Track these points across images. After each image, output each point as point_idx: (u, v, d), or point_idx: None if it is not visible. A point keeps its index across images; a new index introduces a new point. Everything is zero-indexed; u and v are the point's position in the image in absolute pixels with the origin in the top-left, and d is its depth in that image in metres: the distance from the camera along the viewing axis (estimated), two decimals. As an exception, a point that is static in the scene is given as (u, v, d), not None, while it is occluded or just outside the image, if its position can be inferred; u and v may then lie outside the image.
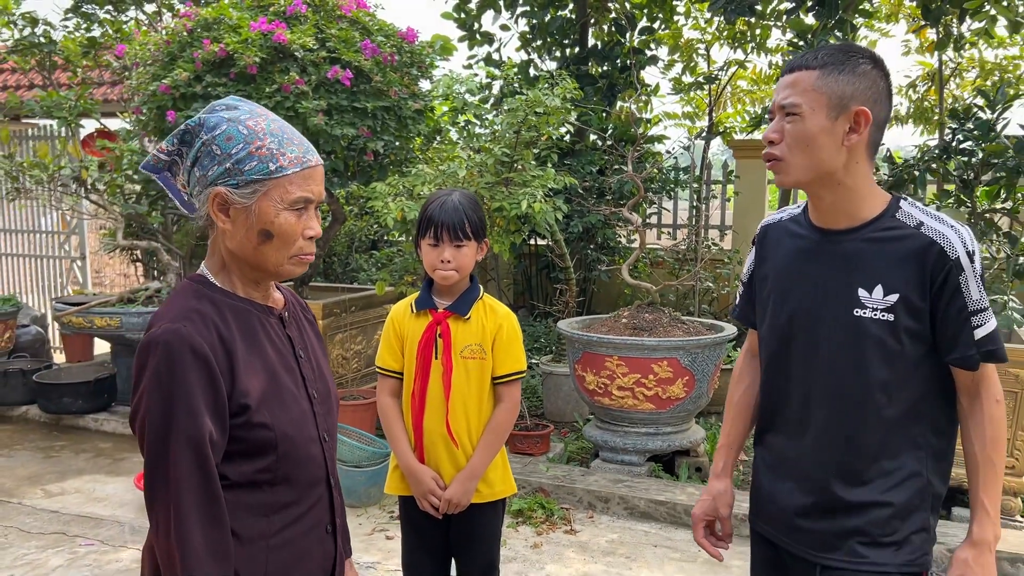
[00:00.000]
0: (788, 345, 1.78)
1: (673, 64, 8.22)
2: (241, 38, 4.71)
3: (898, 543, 1.68)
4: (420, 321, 2.41)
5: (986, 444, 1.65)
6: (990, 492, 1.65)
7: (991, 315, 1.64)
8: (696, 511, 2.01)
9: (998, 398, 1.67)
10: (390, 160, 5.44)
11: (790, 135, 1.66)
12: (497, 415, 2.43)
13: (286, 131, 1.46)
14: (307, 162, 1.45)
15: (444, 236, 2.30)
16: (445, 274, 2.34)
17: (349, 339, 5.63)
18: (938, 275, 1.60)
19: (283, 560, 1.49)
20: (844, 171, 1.65)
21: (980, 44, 6.40)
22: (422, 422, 2.40)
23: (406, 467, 2.42)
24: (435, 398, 2.38)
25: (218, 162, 1.41)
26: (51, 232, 8.31)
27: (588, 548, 3.92)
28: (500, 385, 2.43)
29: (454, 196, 2.35)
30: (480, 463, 2.40)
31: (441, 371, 2.37)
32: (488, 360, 2.40)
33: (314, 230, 1.48)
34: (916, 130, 8.19)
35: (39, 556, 3.86)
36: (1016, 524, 3.88)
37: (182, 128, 1.47)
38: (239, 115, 1.44)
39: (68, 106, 6.12)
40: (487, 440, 2.41)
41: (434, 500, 2.39)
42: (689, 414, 4.61)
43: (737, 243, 7.64)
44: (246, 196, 1.41)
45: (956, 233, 1.61)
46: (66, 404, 5.81)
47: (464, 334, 2.38)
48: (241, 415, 1.41)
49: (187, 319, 1.38)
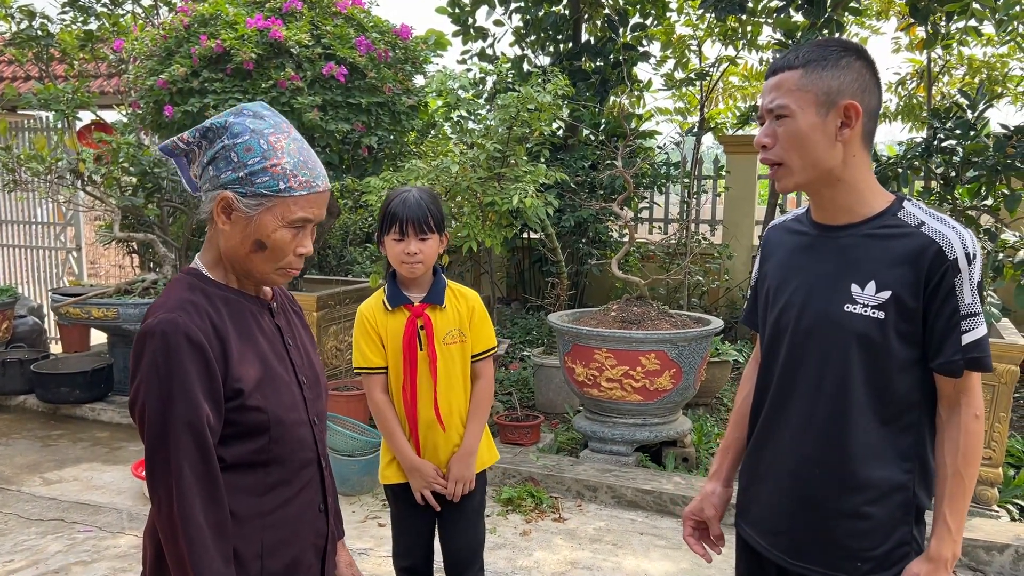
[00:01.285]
0: (779, 339, 1.76)
1: (665, 60, 8.29)
2: (238, 34, 4.78)
3: (878, 558, 1.64)
4: (397, 316, 2.48)
5: (958, 457, 1.59)
6: (955, 508, 1.59)
7: (982, 322, 1.58)
8: (686, 510, 2.00)
9: (977, 413, 1.61)
10: (384, 154, 5.52)
11: (783, 137, 1.63)
12: (479, 392, 2.58)
13: (303, 153, 1.52)
14: (315, 187, 1.52)
15: (409, 230, 2.37)
16: (412, 267, 2.41)
17: (343, 331, 5.71)
18: (934, 275, 1.56)
19: (277, 537, 1.57)
20: (843, 167, 1.62)
21: (969, 42, 6.48)
22: (416, 411, 2.49)
23: (408, 463, 2.50)
24: (424, 387, 2.48)
25: (233, 168, 1.48)
26: (47, 223, 8.36)
27: (576, 535, 4.02)
28: (477, 363, 2.58)
29: (414, 192, 2.43)
30: (474, 439, 2.54)
31: (428, 360, 2.47)
32: (468, 342, 2.54)
33: (306, 248, 1.55)
34: (905, 127, 8.28)
35: (39, 542, 3.95)
36: (992, 514, 3.98)
37: (207, 125, 1.53)
38: (263, 127, 1.51)
39: (65, 99, 6.18)
40: (476, 417, 2.56)
41: (437, 489, 2.49)
42: (676, 405, 4.71)
43: (727, 238, 7.74)
44: (251, 207, 1.48)
45: (957, 235, 1.57)
46: (63, 394, 5.89)
47: (443, 322, 2.49)
48: (235, 399, 1.48)
49: (182, 309, 1.46)
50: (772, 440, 1.78)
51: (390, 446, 2.53)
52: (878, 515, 1.64)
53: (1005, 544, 3.66)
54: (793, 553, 1.72)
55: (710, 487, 1.97)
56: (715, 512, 1.96)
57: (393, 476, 2.56)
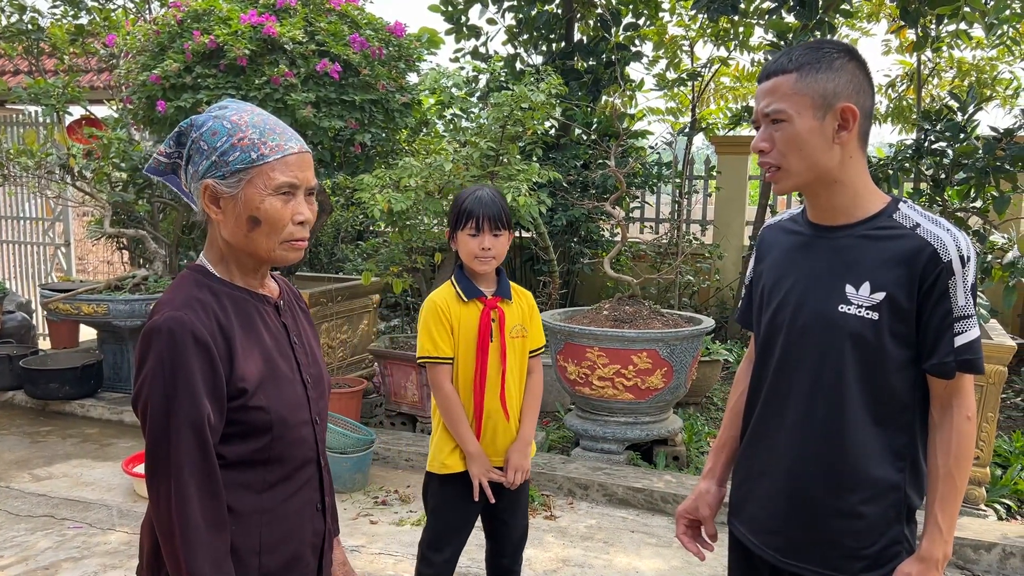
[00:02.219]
0: (773, 337, 1.76)
1: (657, 60, 8.32)
2: (231, 30, 4.77)
3: (871, 557, 1.65)
4: (471, 308, 2.57)
5: (950, 459, 1.60)
6: (946, 509, 1.60)
7: (975, 324, 1.59)
8: (680, 508, 2.00)
9: (969, 414, 1.62)
10: (377, 152, 5.52)
11: (781, 141, 1.62)
12: (533, 387, 2.70)
13: (268, 122, 1.53)
14: (288, 149, 1.51)
15: (485, 226, 2.49)
16: (486, 261, 2.52)
17: (335, 328, 5.71)
18: (928, 277, 1.56)
19: (276, 534, 1.57)
20: (840, 168, 1.63)
21: (959, 45, 6.54)
22: (483, 400, 2.58)
23: (475, 450, 2.56)
24: (492, 377, 2.57)
25: (205, 156, 1.49)
26: (35, 219, 8.32)
27: (567, 533, 4.03)
28: (532, 358, 2.69)
29: (487, 190, 2.55)
30: (530, 430, 2.66)
31: (498, 351, 2.57)
32: (528, 337, 2.66)
33: (303, 215, 1.53)
34: (895, 129, 8.34)
35: (28, 538, 3.93)
36: (980, 513, 4.02)
37: (177, 130, 1.55)
38: (226, 112, 1.53)
39: (56, 93, 6.15)
40: (531, 409, 2.68)
41: (494, 477, 2.57)
42: (667, 404, 4.73)
43: (718, 238, 7.77)
44: (232, 186, 1.48)
45: (952, 237, 1.58)
46: (52, 390, 5.86)
47: (511, 316, 2.62)
48: (239, 398, 1.48)
49: (189, 307, 1.46)
50: (766, 439, 1.78)
51: (455, 434, 2.57)
52: (872, 514, 1.64)
53: (992, 543, 3.70)
54: (787, 552, 1.73)
55: (704, 486, 1.97)
56: (710, 511, 1.96)
57: (455, 464, 2.58)
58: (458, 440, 2.57)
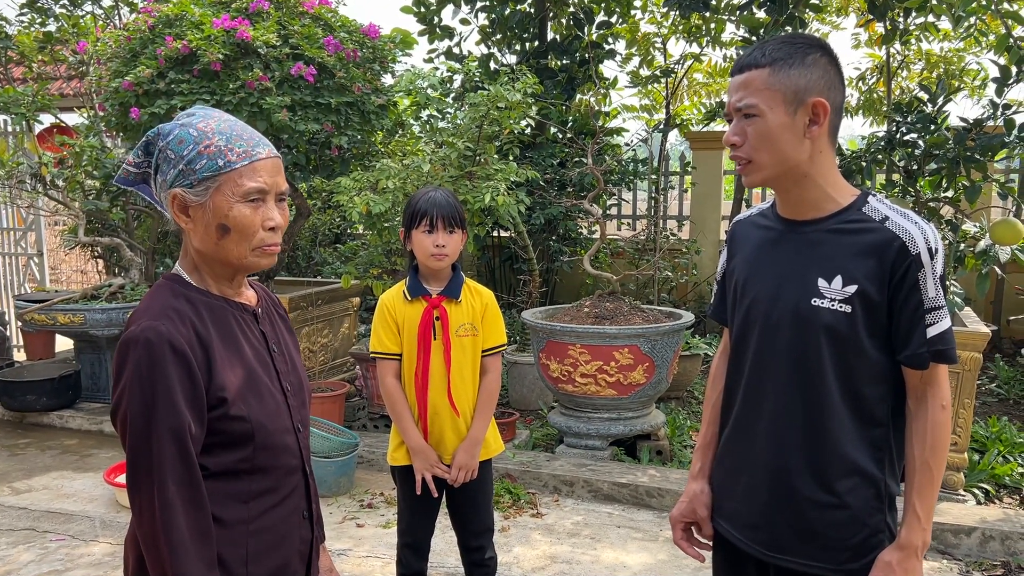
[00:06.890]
0: (748, 333, 1.77)
1: (631, 58, 8.36)
2: (204, 35, 4.73)
3: (855, 547, 1.67)
4: (415, 306, 2.65)
5: (926, 449, 1.62)
6: (924, 497, 1.62)
7: (946, 315, 1.61)
8: (674, 513, 1.97)
9: (944, 403, 1.63)
10: (353, 154, 5.50)
11: (753, 136, 1.63)
12: (487, 384, 2.75)
13: (236, 128, 1.51)
14: (256, 155, 1.49)
15: (439, 224, 2.55)
16: (439, 258, 2.58)
17: (315, 332, 5.69)
18: (898, 270, 1.58)
19: (263, 544, 1.56)
20: (809, 162, 1.64)
21: (927, 37, 6.62)
22: (426, 397, 2.65)
23: (415, 445, 2.65)
24: (437, 374, 2.64)
25: (173, 165, 1.48)
26: (7, 228, 8.20)
27: (554, 530, 4.05)
28: (486, 357, 2.74)
29: (440, 191, 2.63)
30: (481, 429, 2.71)
31: (442, 349, 2.64)
32: (479, 336, 2.71)
33: (274, 220, 1.51)
34: (866, 121, 8.43)
35: (10, 552, 3.88)
36: (959, 498, 4.08)
37: (144, 139, 1.54)
38: (192, 119, 1.51)
39: (26, 102, 6.07)
40: (483, 407, 2.73)
41: (438, 473, 2.64)
42: (650, 399, 4.76)
43: (694, 233, 7.82)
44: (200, 194, 1.47)
45: (920, 230, 1.59)
46: (30, 402, 5.79)
47: (458, 315, 2.67)
48: (219, 408, 1.47)
49: (166, 317, 1.45)
50: (746, 434, 1.79)
51: (399, 429, 2.68)
52: (854, 505, 1.66)
53: (972, 527, 3.75)
54: (771, 546, 1.74)
55: (697, 487, 1.94)
56: (708, 512, 1.93)
57: (402, 458, 2.69)
58: (401, 434, 2.68)
